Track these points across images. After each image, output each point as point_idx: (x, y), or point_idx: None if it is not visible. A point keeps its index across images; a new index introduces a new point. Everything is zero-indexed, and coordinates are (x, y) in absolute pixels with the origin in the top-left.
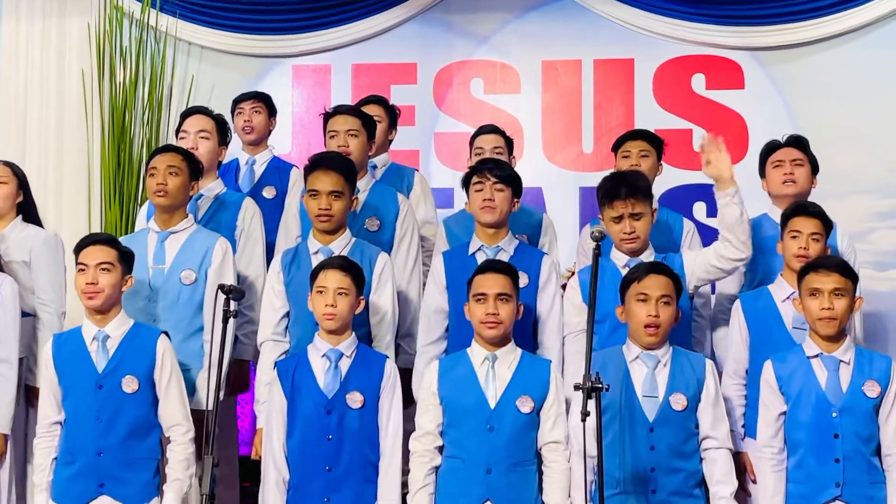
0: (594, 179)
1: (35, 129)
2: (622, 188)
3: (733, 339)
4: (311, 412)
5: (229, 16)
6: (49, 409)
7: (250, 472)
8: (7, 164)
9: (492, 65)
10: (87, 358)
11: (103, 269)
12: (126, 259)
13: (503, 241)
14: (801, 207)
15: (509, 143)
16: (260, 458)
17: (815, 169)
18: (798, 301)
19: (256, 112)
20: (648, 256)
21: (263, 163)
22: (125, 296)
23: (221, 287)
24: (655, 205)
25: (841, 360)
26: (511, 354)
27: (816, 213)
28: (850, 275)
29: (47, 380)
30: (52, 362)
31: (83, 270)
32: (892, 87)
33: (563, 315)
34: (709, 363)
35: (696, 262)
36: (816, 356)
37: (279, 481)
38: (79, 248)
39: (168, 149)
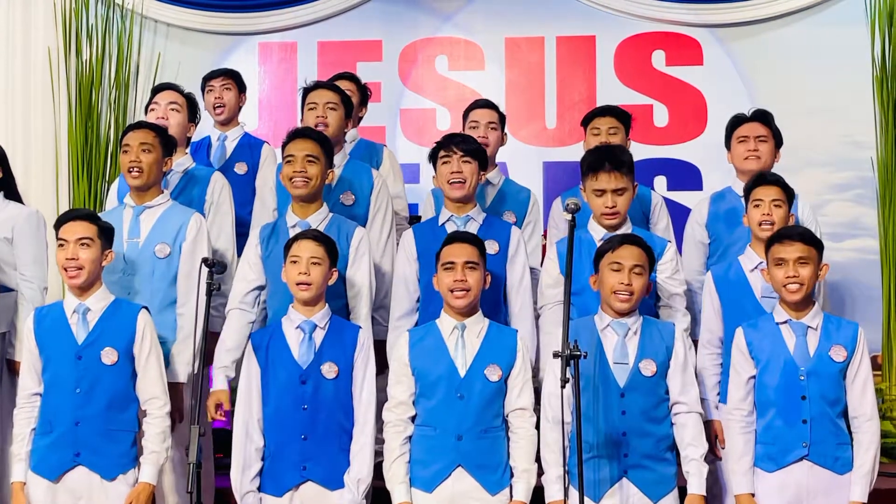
0: (557, 154)
1: (1, 107)
2: (606, 162)
3: (705, 310)
4: (286, 382)
5: None
6: (29, 381)
7: (223, 443)
8: None
9: (456, 42)
10: (68, 329)
11: (83, 245)
12: (106, 234)
13: (472, 211)
14: (760, 177)
15: (502, 118)
16: (212, 419)
17: (778, 143)
18: (766, 271)
19: (227, 89)
20: (625, 230)
21: (234, 139)
22: None
23: (205, 261)
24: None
25: (809, 326)
26: (479, 324)
27: (776, 181)
28: (813, 243)
29: (28, 351)
30: (33, 334)
31: (63, 246)
32: (846, 63)
33: (532, 284)
34: (678, 331)
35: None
36: (785, 322)
37: (253, 450)
38: (59, 224)
39: (141, 125)
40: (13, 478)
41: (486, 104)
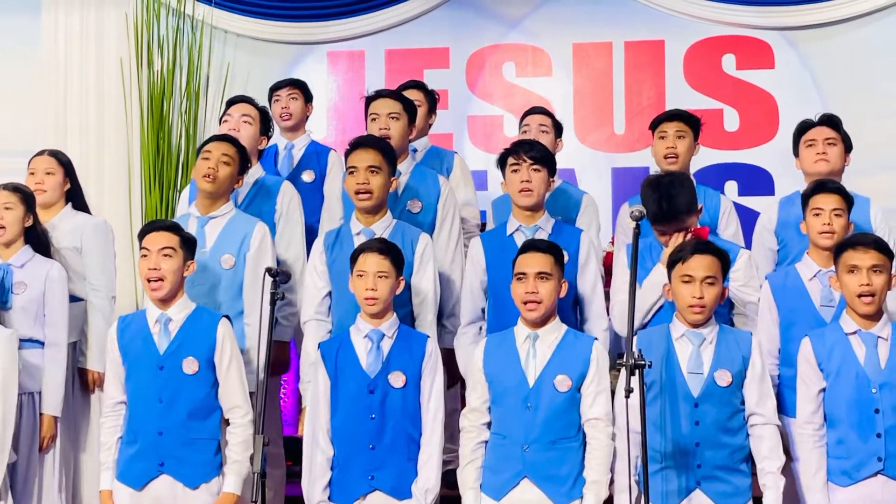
0: (626, 160)
1: (75, 118)
2: (665, 208)
3: (763, 319)
4: (355, 392)
5: (264, 3)
6: (114, 390)
7: (293, 451)
8: (53, 153)
9: (523, 48)
10: (150, 339)
11: (165, 255)
12: (188, 244)
13: (541, 220)
14: (819, 185)
15: (557, 125)
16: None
17: (848, 147)
18: (834, 278)
19: (293, 99)
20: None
21: (301, 147)
22: None
23: (269, 270)
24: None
25: (879, 336)
26: (554, 333)
27: (836, 188)
28: (887, 251)
29: (112, 360)
30: (116, 343)
31: (146, 256)
32: None
33: (603, 290)
34: (755, 340)
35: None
36: (854, 332)
37: (324, 460)
38: (142, 234)
39: (225, 138)
40: (101, 486)
41: (541, 110)
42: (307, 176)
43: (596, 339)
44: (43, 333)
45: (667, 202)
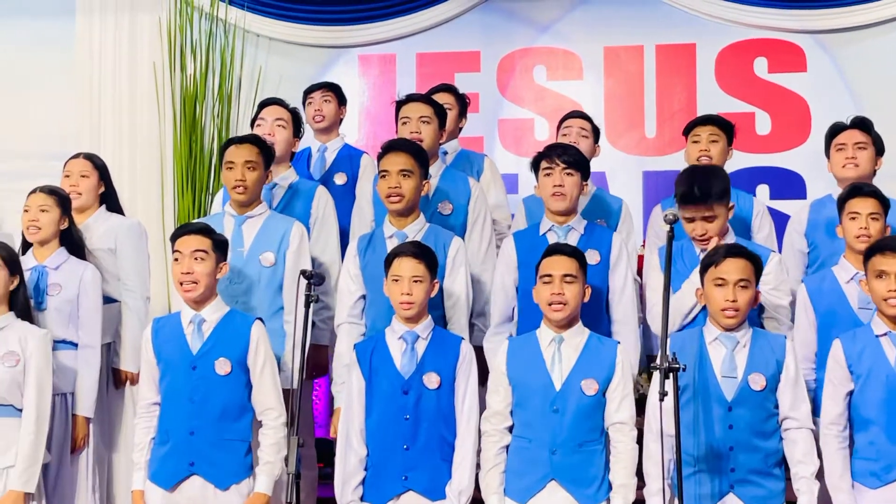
0: (657, 164)
1: (109, 121)
2: (694, 194)
3: (800, 323)
4: (389, 393)
5: (296, 7)
6: (147, 391)
7: (325, 454)
8: (88, 156)
9: (554, 52)
10: (183, 340)
11: (198, 258)
12: (220, 247)
13: (573, 221)
14: (856, 189)
15: (596, 130)
16: (336, 436)
17: (880, 150)
18: (864, 282)
19: (326, 101)
20: (727, 239)
21: (334, 150)
22: None
23: (303, 272)
24: (732, 202)
25: None
26: (578, 336)
27: (872, 192)
28: None
29: (146, 361)
30: (150, 344)
31: (178, 259)
32: None
33: (635, 292)
34: (789, 344)
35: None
36: (885, 334)
37: (356, 460)
38: (174, 238)
39: (243, 140)
40: (132, 486)
41: (580, 114)
42: (339, 179)
43: (619, 343)
44: (76, 335)
45: (700, 184)
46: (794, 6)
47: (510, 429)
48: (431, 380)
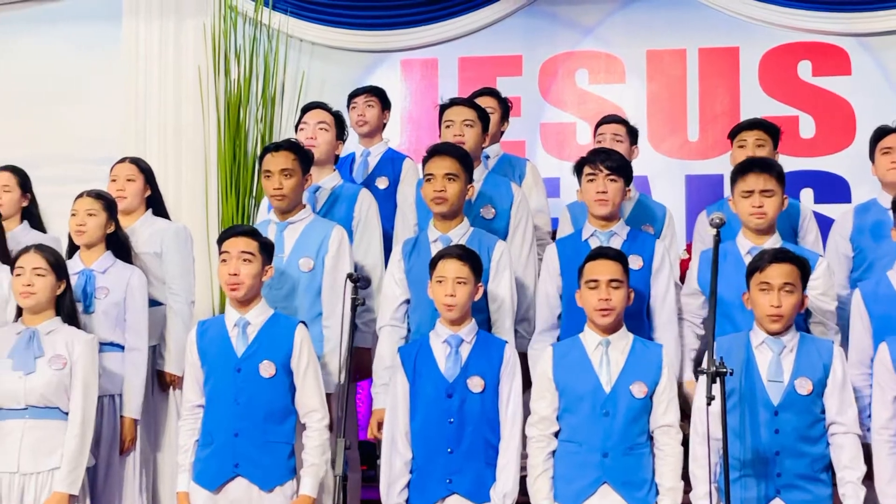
0: (700, 167)
1: (154, 125)
2: (755, 164)
3: (855, 328)
4: (433, 396)
5: (339, 12)
6: (192, 393)
7: (367, 456)
8: (134, 161)
9: (597, 55)
10: (228, 343)
11: (245, 260)
12: (266, 250)
13: (616, 226)
14: None
15: (632, 133)
16: (375, 438)
17: None
18: None
19: (370, 106)
20: (774, 244)
21: (377, 154)
22: None
23: (349, 276)
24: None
25: None
26: (623, 339)
27: None
28: None
29: (190, 364)
30: (195, 347)
31: (225, 261)
32: None
33: (677, 299)
34: (837, 349)
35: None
36: None
37: (402, 463)
38: (221, 240)
39: (278, 148)
40: (177, 488)
41: (615, 119)
42: (381, 183)
43: (663, 346)
44: (123, 338)
45: (760, 160)
46: (839, 9)
47: (556, 434)
48: (475, 383)
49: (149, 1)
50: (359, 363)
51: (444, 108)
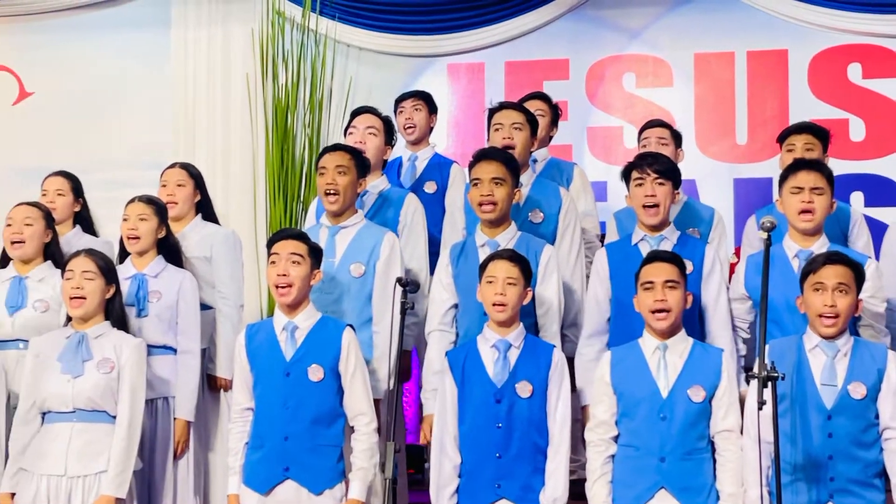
0: (748, 171)
1: (203, 131)
2: (805, 163)
3: None
4: (481, 400)
5: (386, 17)
6: (241, 396)
7: (414, 460)
8: (184, 166)
9: (644, 59)
10: (276, 347)
11: (294, 262)
12: (315, 254)
13: (666, 231)
14: None
15: (676, 136)
16: (429, 442)
17: None
18: None
19: (417, 110)
20: (821, 247)
21: (425, 159)
22: None
23: (399, 280)
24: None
25: None
26: (682, 343)
27: None
28: None
29: (240, 367)
30: (244, 350)
31: (275, 262)
32: None
33: (729, 303)
34: (891, 353)
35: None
36: None
37: (451, 467)
38: (271, 242)
39: (336, 148)
40: (228, 490)
41: (659, 123)
42: (429, 187)
43: (723, 350)
44: (175, 340)
45: (810, 161)
46: (889, 10)
47: (615, 439)
48: (524, 388)
49: (197, 8)
50: (404, 366)
51: (493, 112)
